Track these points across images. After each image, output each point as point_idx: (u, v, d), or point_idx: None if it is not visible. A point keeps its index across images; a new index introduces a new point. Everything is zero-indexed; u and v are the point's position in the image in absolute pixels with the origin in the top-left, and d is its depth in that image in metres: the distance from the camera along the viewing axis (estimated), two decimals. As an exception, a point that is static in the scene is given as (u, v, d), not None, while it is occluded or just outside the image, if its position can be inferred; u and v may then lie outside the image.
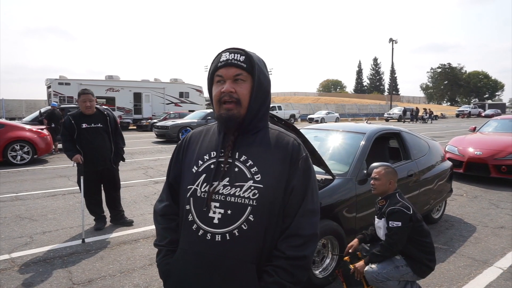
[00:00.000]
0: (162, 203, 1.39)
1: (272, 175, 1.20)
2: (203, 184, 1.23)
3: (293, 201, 1.22)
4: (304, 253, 1.19)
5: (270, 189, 1.19)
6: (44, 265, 3.59)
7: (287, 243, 1.19)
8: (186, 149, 1.36)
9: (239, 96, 1.22)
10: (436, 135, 18.97)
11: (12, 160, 9.56)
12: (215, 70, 1.25)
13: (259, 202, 1.17)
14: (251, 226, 1.17)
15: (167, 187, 1.40)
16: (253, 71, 1.23)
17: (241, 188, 1.19)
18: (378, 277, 2.56)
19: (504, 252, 3.97)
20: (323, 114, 37.45)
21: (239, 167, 1.22)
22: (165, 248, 1.33)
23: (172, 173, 1.39)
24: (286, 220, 1.22)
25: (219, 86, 1.24)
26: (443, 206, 5.12)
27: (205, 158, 1.27)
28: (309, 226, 1.22)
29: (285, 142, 1.26)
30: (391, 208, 2.59)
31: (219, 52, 1.28)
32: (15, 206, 5.63)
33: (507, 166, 7.14)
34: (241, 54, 1.24)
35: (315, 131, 4.75)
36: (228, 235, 1.17)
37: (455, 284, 3.27)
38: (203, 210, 1.21)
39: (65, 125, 4.45)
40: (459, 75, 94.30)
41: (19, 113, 27.65)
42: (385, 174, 2.74)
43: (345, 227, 3.30)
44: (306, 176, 1.24)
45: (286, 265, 1.17)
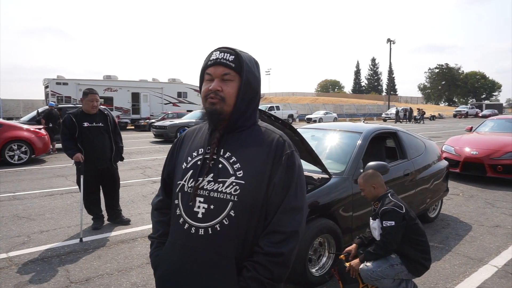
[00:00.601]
0: (157, 198, 1.47)
1: (254, 171, 1.22)
2: (190, 179, 1.27)
3: (275, 198, 1.22)
4: (281, 250, 1.18)
5: (251, 185, 1.21)
6: (42, 264, 3.59)
7: (267, 239, 1.20)
8: (180, 146, 1.42)
9: (224, 94, 1.24)
10: (433, 135, 19.04)
11: (10, 160, 9.55)
12: (205, 68, 1.29)
13: (240, 198, 1.19)
14: (232, 221, 1.19)
15: (162, 183, 1.47)
16: (241, 71, 1.26)
17: (223, 184, 1.22)
18: (373, 275, 2.59)
19: (499, 251, 4.01)
20: (321, 114, 37.49)
21: (223, 163, 1.25)
22: (156, 240, 1.39)
23: (166, 170, 1.45)
24: (268, 217, 1.23)
25: (207, 83, 1.27)
26: (439, 205, 5.16)
27: (194, 154, 1.32)
28: (290, 223, 1.21)
29: (270, 138, 1.28)
30: (383, 209, 2.61)
31: (211, 51, 1.31)
32: (13, 206, 5.63)
33: (503, 165, 7.19)
34: (231, 54, 1.27)
35: (312, 130, 4.77)
36: (210, 230, 1.20)
37: (451, 282, 3.30)
38: (189, 204, 1.25)
39: (66, 123, 4.42)
40: (457, 75, 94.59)
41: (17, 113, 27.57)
42: (364, 182, 2.79)
43: (341, 225, 3.33)
44: (289, 173, 1.24)
45: (264, 261, 1.18)
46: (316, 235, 3.09)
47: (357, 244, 2.88)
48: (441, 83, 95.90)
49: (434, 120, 43.25)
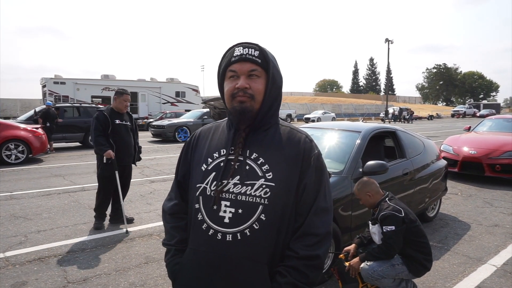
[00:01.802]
0: (171, 202, 1.37)
1: (284, 173, 1.18)
2: (212, 182, 1.20)
3: (306, 199, 1.19)
4: (317, 252, 1.16)
5: (282, 187, 1.17)
6: (39, 264, 3.57)
7: (300, 242, 1.16)
8: (195, 146, 1.34)
9: (253, 92, 1.19)
10: (431, 135, 19.08)
11: (7, 159, 9.50)
12: (228, 64, 1.22)
13: (270, 201, 1.15)
14: (263, 225, 1.14)
15: (176, 186, 1.37)
16: (267, 67, 1.21)
17: (252, 187, 1.16)
18: (374, 275, 2.58)
19: (498, 250, 4.00)
20: (319, 114, 37.53)
21: (250, 165, 1.19)
22: (174, 247, 1.30)
23: (180, 171, 1.37)
24: (299, 218, 1.19)
25: (232, 81, 1.21)
26: (438, 205, 5.16)
27: (215, 155, 1.25)
28: (322, 225, 1.19)
29: (297, 139, 1.24)
30: (382, 214, 2.60)
31: (232, 46, 1.25)
32: (10, 205, 5.60)
33: (501, 165, 7.20)
34: (255, 49, 1.21)
35: (311, 129, 4.75)
36: (239, 235, 1.14)
37: (450, 281, 3.29)
38: (213, 209, 1.18)
39: (100, 119, 4.48)
40: (454, 75, 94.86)
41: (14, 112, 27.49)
42: (358, 192, 2.80)
43: (340, 225, 3.31)
44: (318, 174, 1.22)
45: (299, 265, 1.14)
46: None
47: (357, 244, 2.87)
48: (439, 83, 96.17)
49: (432, 120, 43.37)
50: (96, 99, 22.78)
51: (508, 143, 7.50)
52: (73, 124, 13.38)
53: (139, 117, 25.06)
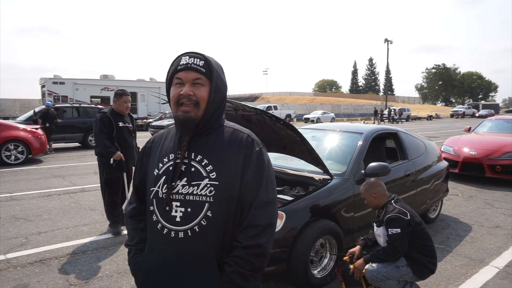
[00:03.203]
0: (130, 205, 1.48)
1: (227, 172, 1.27)
2: (163, 185, 1.29)
3: (248, 195, 1.29)
4: (259, 241, 1.26)
5: (226, 185, 1.26)
6: (40, 266, 3.55)
7: (244, 233, 1.27)
8: (149, 152, 1.43)
9: (197, 99, 1.27)
10: (431, 135, 19.09)
11: (6, 160, 9.47)
12: (174, 72, 1.30)
13: (215, 198, 1.25)
14: (210, 221, 1.25)
15: (134, 190, 1.48)
16: (211, 76, 1.29)
17: (198, 187, 1.26)
18: (379, 276, 2.57)
19: (500, 251, 4.00)
20: (318, 114, 37.54)
21: (195, 167, 1.28)
22: (134, 247, 1.42)
23: (137, 177, 1.46)
24: (244, 213, 1.29)
25: (177, 88, 1.29)
26: (440, 206, 5.15)
27: (165, 160, 1.34)
28: (264, 216, 1.28)
29: (239, 138, 1.33)
30: (388, 216, 2.60)
31: (179, 55, 1.33)
32: (10, 207, 5.58)
33: (502, 166, 7.20)
34: (201, 59, 1.30)
35: (313, 131, 4.76)
36: (189, 232, 1.25)
37: (452, 283, 3.29)
38: (165, 209, 1.28)
39: (104, 122, 4.37)
40: (454, 75, 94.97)
41: (13, 113, 27.42)
42: (364, 191, 2.79)
43: (343, 226, 3.31)
44: (259, 170, 1.30)
45: (244, 254, 1.25)
46: (318, 236, 3.06)
47: (361, 246, 2.86)
48: (438, 83, 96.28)
49: (431, 120, 43.42)
50: (95, 99, 22.74)
51: (509, 144, 7.50)
52: (72, 125, 13.36)
53: (138, 117, 25.02)
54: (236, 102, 3.29)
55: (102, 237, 4.35)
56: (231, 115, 3.59)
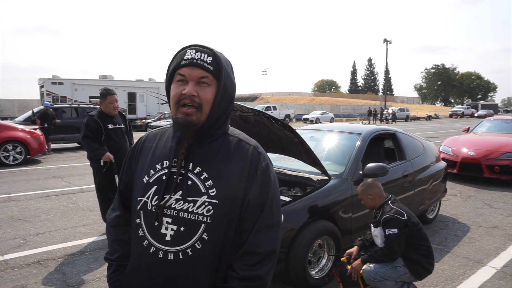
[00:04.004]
0: (113, 213, 1.28)
1: (229, 190, 1.11)
2: (154, 196, 1.12)
3: (250, 216, 1.12)
4: (258, 272, 1.10)
5: (226, 205, 1.10)
6: (38, 267, 3.55)
7: (241, 261, 1.11)
8: (139, 154, 1.24)
9: (201, 101, 1.10)
10: (430, 135, 19.11)
11: (5, 161, 9.46)
12: (177, 67, 1.12)
13: (213, 219, 1.08)
14: (205, 245, 1.09)
15: (118, 196, 1.28)
16: (219, 75, 1.12)
17: (194, 204, 1.09)
18: (376, 276, 2.58)
19: (498, 252, 4.01)
20: (318, 114, 37.55)
21: (193, 180, 1.11)
22: (115, 263, 1.24)
23: (123, 181, 1.27)
24: (243, 236, 1.13)
25: (180, 86, 1.11)
26: (438, 206, 5.16)
27: (157, 167, 1.16)
28: (266, 243, 1.12)
29: (245, 151, 1.16)
30: (385, 217, 2.60)
31: (184, 48, 1.15)
32: (8, 207, 5.57)
33: (500, 166, 7.21)
34: (209, 55, 1.12)
35: (311, 131, 4.76)
36: (181, 254, 1.09)
37: (450, 283, 3.29)
38: (154, 225, 1.11)
39: (90, 126, 4.20)
40: (453, 75, 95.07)
41: (12, 113, 27.36)
42: (361, 192, 2.80)
43: (341, 227, 3.31)
44: (264, 188, 1.14)
45: (239, 286, 1.09)
46: (316, 237, 3.06)
47: (359, 246, 2.86)
48: (437, 83, 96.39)
49: (430, 120, 43.47)
50: (94, 100, 22.71)
51: (507, 144, 7.52)
52: (71, 125, 13.32)
53: (137, 117, 25.01)
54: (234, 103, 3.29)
55: (100, 238, 4.34)
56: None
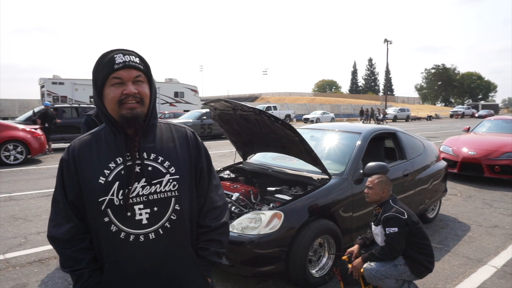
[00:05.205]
0: (63, 227, 1.25)
1: (183, 164, 1.32)
2: (119, 191, 1.21)
3: (204, 181, 1.39)
4: (224, 219, 1.41)
5: (186, 177, 1.31)
6: (39, 266, 3.56)
7: (208, 217, 1.38)
8: (79, 162, 1.26)
9: (142, 96, 1.25)
10: (430, 135, 19.11)
11: (5, 160, 9.47)
12: (111, 71, 1.22)
13: (180, 191, 1.28)
14: (179, 214, 1.28)
15: (68, 207, 1.26)
16: (148, 73, 1.29)
17: (160, 184, 1.25)
18: (377, 275, 2.58)
19: (498, 251, 4.01)
20: (318, 114, 37.54)
21: (152, 165, 1.27)
22: (86, 269, 1.24)
23: (70, 192, 1.26)
24: (200, 199, 1.39)
25: (117, 88, 1.22)
26: (438, 206, 5.16)
27: (111, 166, 1.24)
28: (220, 198, 1.43)
29: (183, 132, 1.39)
30: (385, 215, 2.61)
31: (108, 53, 1.25)
32: (9, 206, 5.58)
33: (501, 166, 7.21)
34: (135, 56, 1.27)
35: (311, 131, 4.77)
36: (160, 230, 1.25)
37: (450, 282, 3.30)
38: (127, 216, 1.21)
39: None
40: (453, 76, 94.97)
41: (12, 113, 27.39)
42: (378, 183, 2.76)
43: (341, 226, 3.32)
44: (207, 158, 1.43)
45: (215, 236, 1.37)
46: (316, 236, 3.07)
47: (359, 245, 2.87)
48: (437, 84, 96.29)
49: (430, 120, 43.44)
50: (95, 100, 22.72)
51: (507, 144, 7.52)
52: (71, 125, 13.32)
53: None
54: (234, 102, 3.30)
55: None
56: (230, 115, 3.60)
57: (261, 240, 2.80)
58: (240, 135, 3.97)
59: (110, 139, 1.28)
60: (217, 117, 3.82)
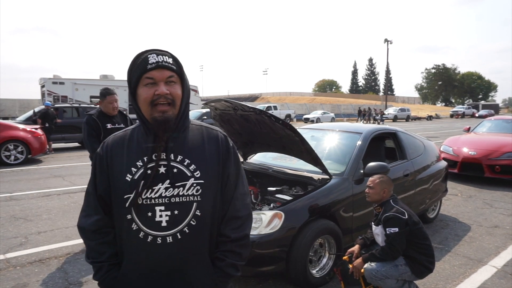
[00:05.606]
0: (91, 218, 1.31)
1: (210, 169, 1.28)
2: (143, 191, 1.22)
3: (230, 188, 1.33)
4: (245, 232, 1.34)
5: (211, 182, 1.27)
6: (40, 266, 3.56)
7: (229, 226, 1.32)
8: (110, 157, 1.30)
9: (173, 97, 1.24)
10: (431, 135, 19.09)
11: (6, 160, 9.47)
12: (144, 71, 1.22)
13: (203, 196, 1.25)
14: (199, 220, 1.25)
15: (96, 200, 1.31)
16: (181, 73, 1.28)
17: (184, 187, 1.23)
18: (377, 275, 2.58)
19: (498, 251, 4.01)
20: (318, 114, 37.52)
21: (178, 168, 1.25)
22: (106, 263, 1.29)
23: (100, 185, 1.31)
24: (224, 206, 1.33)
25: (150, 88, 1.22)
26: (438, 206, 5.16)
27: (139, 164, 1.25)
28: (244, 207, 1.35)
29: (215, 135, 1.35)
30: (386, 215, 2.61)
31: (142, 53, 1.26)
32: (10, 206, 5.58)
33: (501, 166, 7.21)
34: (169, 56, 1.26)
35: (311, 131, 4.76)
36: (179, 234, 1.22)
37: (451, 282, 3.29)
38: (148, 216, 1.22)
39: (91, 125, 4.18)
40: (453, 75, 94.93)
41: (13, 113, 27.41)
42: (379, 183, 2.76)
43: (342, 226, 3.32)
44: (236, 164, 1.36)
45: (233, 247, 1.31)
46: (317, 236, 3.07)
47: (360, 245, 2.87)
48: (437, 83, 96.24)
49: (431, 120, 43.42)
50: (95, 99, 22.74)
51: (508, 144, 7.51)
52: (72, 125, 13.33)
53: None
54: (235, 102, 3.30)
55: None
56: (230, 114, 3.60)
57: (262, 240, 2.80)
58: (241, 135, 3.97)
59: (141, 138, 1.29)
60: (218, 117, 3.82)
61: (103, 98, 4.29)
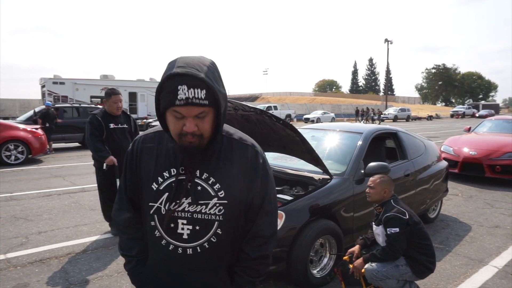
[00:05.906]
0: (123, 214, 1.35)
1: (235, 189, 1.24)
2: (166, 202, 1.22)
3: (255, 206, 1.29)
4: (266, 252, 1.30)
5: (234, 203, 1.24)
6: (40, 266, 3.56)
7: (251, 244, 1.29)
8: (140, 159, 1.30)
9: (202, 132, 1.15)
10: (431, 135, 19.09)
11: (6, 160, 9.48)
12: (171, 104, 1.10)
13: (225, 217, 1.23)
14: (220, 238, 1.24)
15: (127, 199, 1.35)
16: (215, 103, 1.13)
17: (206, 206, 1.22)
18: (378, 275, 2.58)
19: (499, 251, 4.01)
20: (318, 114, 37.52)
21: (202, 185, 1.23)
22: (135, 258, 1.36)
23: (129, 187, 1.33)
24: (249, 223, 1.30)
25: (178, 121, 1.14)
26: (439, 206, 5.16)
27: (165, 175, 1.24)
28: (269, 226, 1.31)
29: (243, 151, 1.27)
30: (387, 215, 2.60)
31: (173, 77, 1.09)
32: (10, 206, 5.58)
33: (502, 166, 7.20)
34: (201, 88, 1.09)
35: (312, 131, 4.76)
36: (199, 248, 1.24)
37: (452, 283, 3.29)
38: (170, 226, 1.23)
39: (94, 124, 4.19)
40: (453, 75, 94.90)
41: (13, 113, 27.43)
42: (380, 183, 2.76)
43: (342, 226, 3.31)
44: (264, 181, 1.30)
45: (253, 265, 1.29)
46: (317, 236, 3.07)
47: (360, 245, 2.87)
48: (438, 83, 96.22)
49: (431, 120, 43.41)
50: (95, 99, 22.74)
51: (508, 144, 7.51)
52: (72, 125, 13.35)
53: (138, 117, 24.98)
54: (235, 102, 3.29)
55: (102, 237, 4.35)
56: (231, 114, 3.59)
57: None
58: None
59: (170, 147, 1.26)
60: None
61: (108, 97, 4.29)
